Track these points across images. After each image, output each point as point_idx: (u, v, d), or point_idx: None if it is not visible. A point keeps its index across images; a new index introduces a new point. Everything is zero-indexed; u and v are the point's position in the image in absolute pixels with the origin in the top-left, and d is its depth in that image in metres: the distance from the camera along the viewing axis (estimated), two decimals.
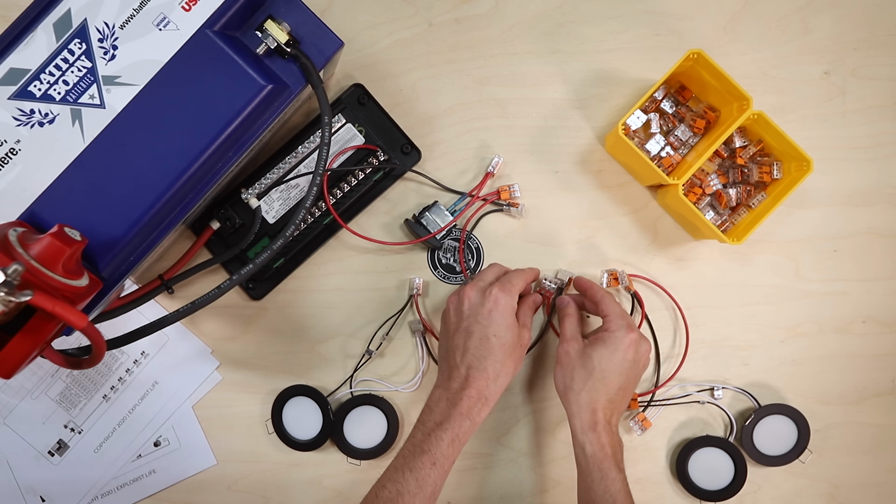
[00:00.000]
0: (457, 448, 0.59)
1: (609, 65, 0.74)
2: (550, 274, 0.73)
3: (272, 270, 0.72)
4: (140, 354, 0.73)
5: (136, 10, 0.52)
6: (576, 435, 0.63)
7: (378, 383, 0.74)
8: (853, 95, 0.75)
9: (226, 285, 0.54)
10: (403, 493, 0.57)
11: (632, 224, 0.74)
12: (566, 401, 0.64)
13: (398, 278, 0.74)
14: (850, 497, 0.75)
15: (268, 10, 0.55)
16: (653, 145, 0.72)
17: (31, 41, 0.51)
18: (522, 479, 0.74)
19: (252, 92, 0.53)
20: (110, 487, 0.73)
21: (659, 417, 0.74)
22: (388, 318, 0.73)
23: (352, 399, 0.73)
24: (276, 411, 0.73)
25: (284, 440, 0.73)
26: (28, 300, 0.41)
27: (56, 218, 0.52)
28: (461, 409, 0.59)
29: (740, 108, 0.67)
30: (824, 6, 0.75)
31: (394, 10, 0.73)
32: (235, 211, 0.70)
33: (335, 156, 0.70)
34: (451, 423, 0.59)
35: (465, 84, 0.74)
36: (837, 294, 0.75)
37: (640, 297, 0.73)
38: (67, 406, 0.72)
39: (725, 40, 0.74)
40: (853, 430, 0.75)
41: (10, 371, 0.45)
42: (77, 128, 0.52)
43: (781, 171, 0.70)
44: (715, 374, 0.75)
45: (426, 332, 0.73)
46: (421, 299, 0.74)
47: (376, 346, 0.73)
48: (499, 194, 0.73)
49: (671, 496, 0.74)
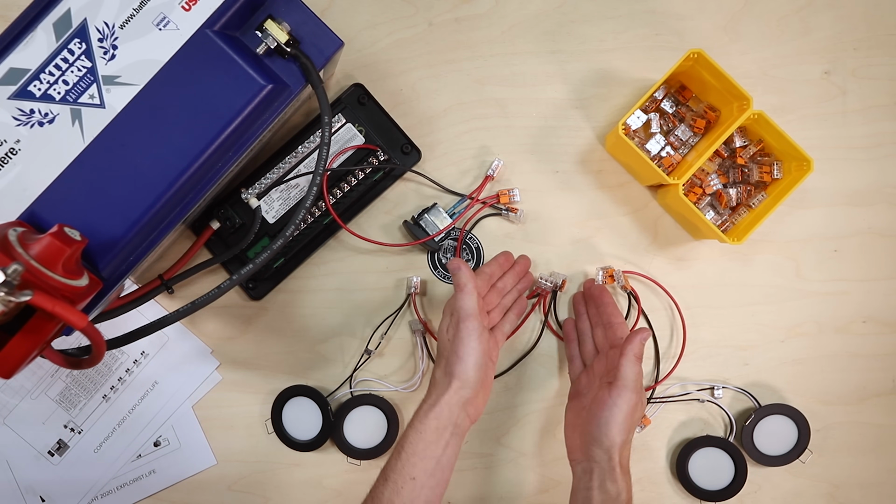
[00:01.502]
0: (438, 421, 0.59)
1: (609, 65, 0.74)
2: (546, 273, 0.73)
3: (272, 270, 0.72)
4: (140, 354, 0.73)
5: (136, 10, 0.52)
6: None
7: (378, 383, 0.74)
8: (853, 95, 0.75)
9: (226, 285, 0.54)
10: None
11: (632, 224, 0.74)
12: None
13: (398, 278, 0.74)
14: (850, 497, 0.75)
15: (268, 9, 0.55)
16: (653, 145, 0.72)
17: (31, 41, 0.51)
18: (522, 479, 0.74)
19: (252, 92, 0.53)
20: (110, 487, 0.73)
21: (659, 417, 0.74)
22: (387, 317, 0.73)
23: (351, 399, 0.73)
24: (276, 411, 0.72)
25: (284, 440, 0.73)
26: (28, 300, 0.41)
27: (56, 218, 0.51)
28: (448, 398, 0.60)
29: (740, 107, 0.67)
30: (824, 6, 0.75)
31: (394, 10, 0.73)
32: (235, 211, 0.70)
33: (335, 155, 0.70)
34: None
35: (465, 84, 0.74)
36: (838, 294, 0.75)
37: (636, 294, 0.73)
38: (67, 406, 0.72)
39: (726, 40, 0.74)
40: (853, 430, 0.75)
41: (10, 371, 0.45)
42: (77, 128, 0.52)
43: (782, 171, 0.70)
44: (715, 374, 0.75)
45: (426, 332, 0.73)
46: (419, 298, 0.74)
47: (375, 346, 0.73)
48: (498, 198, 0.73)
49: (671, 496, 0.74)
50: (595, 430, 0.60)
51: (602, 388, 0.62)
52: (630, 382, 0.60)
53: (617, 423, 0.59)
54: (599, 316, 0.70)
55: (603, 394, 0.61)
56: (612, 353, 0.66)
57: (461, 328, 0.61)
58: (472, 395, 0.60)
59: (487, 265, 0.70)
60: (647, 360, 0.74)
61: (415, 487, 0.57)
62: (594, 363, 0.68)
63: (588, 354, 0.70)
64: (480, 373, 0.61)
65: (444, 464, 0.59)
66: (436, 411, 0.59)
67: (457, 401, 0.60)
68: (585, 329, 0.71)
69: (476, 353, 0.60)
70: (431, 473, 0.58)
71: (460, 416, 0.60)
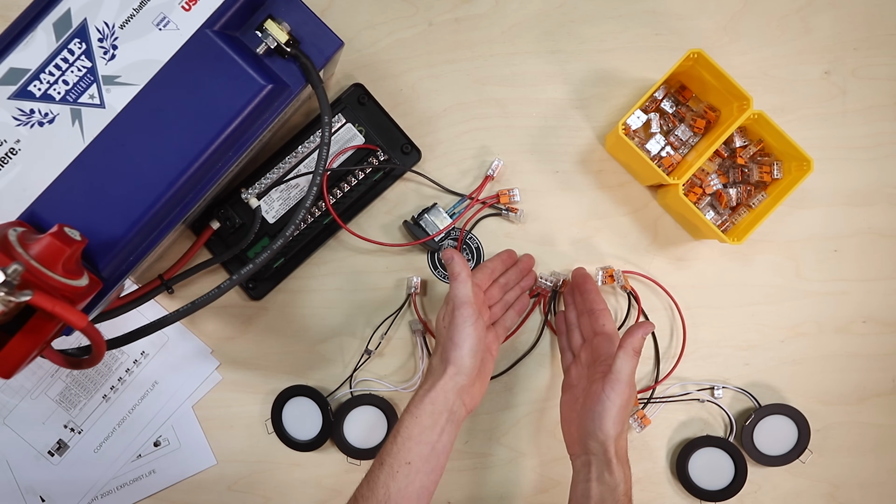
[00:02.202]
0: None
1: (609, 64, 0.74)
2: (546, 273, 0.73)
3: (272, 270, 0.72)
4: (140, 354, 0.73)
5: (136, 10, 0.52)
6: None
7: (378, 383, 0.74)
8: (853, 95, 0.75)
9: (226, 285, 0.54)
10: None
11: (632, 224, 0.74)
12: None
13: (398, 278, 0.74)
14: (850, 497, 0.75)
15: (268, 9, 0.55)
16: (653, 145, 0.72)
17: (31, 41, 0.51)
18: (522, 479, 0.74)
19: (252, 92, 0.53)
20: (110, 487, 0.73)
21: (659, 417, 0.74)
22: (387, 317, 0.73)
23: (351, 399, 0.73)
24: (276, 411, 0.72)
25: (284, 440, 0.73)
26: (28, 300, 0.41)
27: (56, 218, 0.51)
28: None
29: (740, 107, 0.67)
30: (824, 6, 0.75)
31: (394, 10, 0.73)
32: (235, 211, 0.70)
33: (335, 155, 0.70)
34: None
35: (465, 84, 0.74)
36: (838, 294, 0.75)
37: (636, 293, 0.73)
38: (67, 406, 0.72)
39: (726, 40, 0.74)
40: (853, 430, 0.75)
41: (10, 371, 0.45)
42: (77, 127, 0.52)
43: (782, 171, 0.70)
44: (715, 374, 0.75)
45: (425, 332, 0.73)
46: (419, 298, 0.74)
47: (375, 346, 0.73)
48: (498, 198, 0.73)
49: (671, 496, 0.74)
50: (590, 424, 0.60)
51: (595, 381, 0.62)
52: (624, 376, 0.60)
53: (611, 417, 0.59)
54: (584, 303, 0.70)
55: (596, 387, 0.61)
56: (596, 341, 0.66)
57: (456, 315, 0.61)
58: (467, 383, 0.60)
59: (490, 260, 0.70)
60: (647, 360, 0.74)
61: (410, 472, 0.58)
62: (580, 352, 0.68)
63: (576, 345, 0.70)
64: (476, 360, 0.61)
65: (439, 450, 0.59)
66: (431, 396, 0.59)
67: (452, 386, 0.60)
68: (572, 319, 0.71)
69: (471, 339, 0.60)
70: (427, 459, 0.58)
71: (456, 402, 0.60)
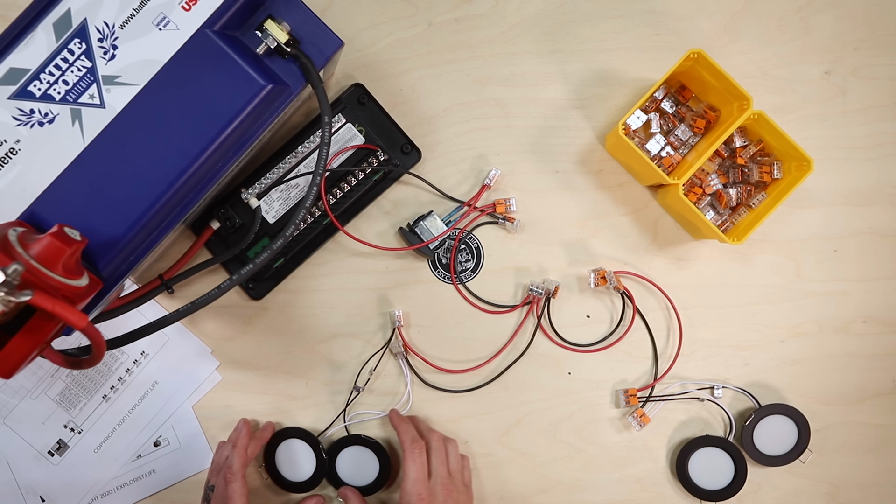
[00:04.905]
0: None
1: (609, 65, 0.74)
2: (539, 280, 0.73)
3: (272, 270, 0.72)
4: (140, 354, 0.73)
5: (136, 10, 0.52)
6: None
7: (369, 413, 0.73)
8: (853, 95, 0.75)
9: (226, 285, 0.54)
10: None
11: (632, 224, 0.74)
12: None
13: (398, 278, 0.74)
14: (850, 497, 0.75)
15: (268, 9, 0.55)
16: (653, 145, 0.72)
17: (31, 41, 0.51)
18: (522, 479, 0.74)
19: (252, 92, 0.53)
20: (110, 487, 0.73)
21: (658, 417, 0.74)
22: (374, 353, 0.73)
23: (344, 438, 0.72)
24: (269, 455, 0.72)
25: (279, 483, 0.72)
26: (28, 300, 0.41)
27: (56, 218, 0.52)
28: None
29: (740, 107, 0.67)
30: (824, 6, 0.75)
31: (394, 10, 0.73)
32: (235, 211, 0.70)
33: (335, 155, 0.70)
34: None
35: (465, 84, 0.74)
36: (838, 294, 0.75)
37: (629, 293, 0.73)
38: (67, 406, 0.72)
39: (726, 40, 0.74)
40: (853, 430, 0.75)
41: (10, 371, 0.45)
42: (77, 127, 0.52)
43: (782, 171, 0.70)
44: (715, 374, 0.75)
45: (408, 353, 0.73)
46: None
47: (364, 382, 0.73)
48: (494, 207, 0.73)
49: (671, 496, 0.74)
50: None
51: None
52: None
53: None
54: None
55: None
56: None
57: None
58: None
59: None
60: (646, 359, 0.74)
61: None
62: None
63: None
64: None
65: None
66: None
67: None
68: None
69: None
70: None
71: None
